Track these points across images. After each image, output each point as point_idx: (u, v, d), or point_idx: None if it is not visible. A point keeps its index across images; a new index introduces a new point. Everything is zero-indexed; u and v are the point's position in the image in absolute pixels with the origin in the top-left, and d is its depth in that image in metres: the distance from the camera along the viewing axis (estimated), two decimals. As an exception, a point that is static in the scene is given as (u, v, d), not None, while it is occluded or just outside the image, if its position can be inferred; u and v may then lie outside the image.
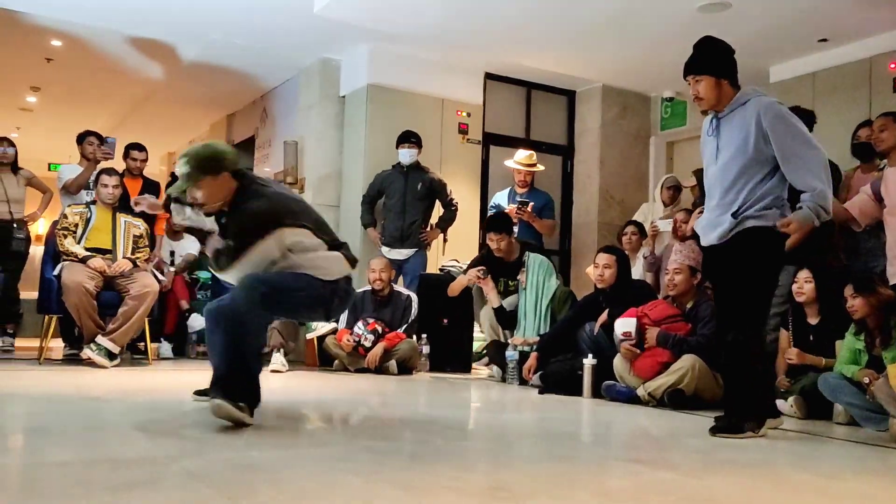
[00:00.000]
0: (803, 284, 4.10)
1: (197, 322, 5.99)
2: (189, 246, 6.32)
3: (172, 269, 6.16)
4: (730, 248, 3.19)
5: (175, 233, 6.37)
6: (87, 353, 4.87)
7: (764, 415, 3.18)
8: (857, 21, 5.46)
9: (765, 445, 2.96)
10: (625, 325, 4.27)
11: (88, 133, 6.04)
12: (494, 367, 5.40)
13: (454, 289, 5.67)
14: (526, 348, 5.06)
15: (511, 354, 5.03)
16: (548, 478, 2.19)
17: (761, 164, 3.15)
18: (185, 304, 6.03)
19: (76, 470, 2.04)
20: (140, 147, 6.28)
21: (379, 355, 5.35)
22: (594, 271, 4.84)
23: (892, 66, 5.40)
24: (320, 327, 5.34)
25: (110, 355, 4.89)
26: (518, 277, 5.31)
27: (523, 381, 4.93)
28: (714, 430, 3.10)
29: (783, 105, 3.22)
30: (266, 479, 1.99)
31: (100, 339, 4.90)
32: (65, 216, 5.28)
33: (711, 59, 3.25)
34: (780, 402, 3.95)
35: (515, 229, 5.95)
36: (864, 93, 5.64)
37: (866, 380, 3.47)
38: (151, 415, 3.19)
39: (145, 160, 6.28)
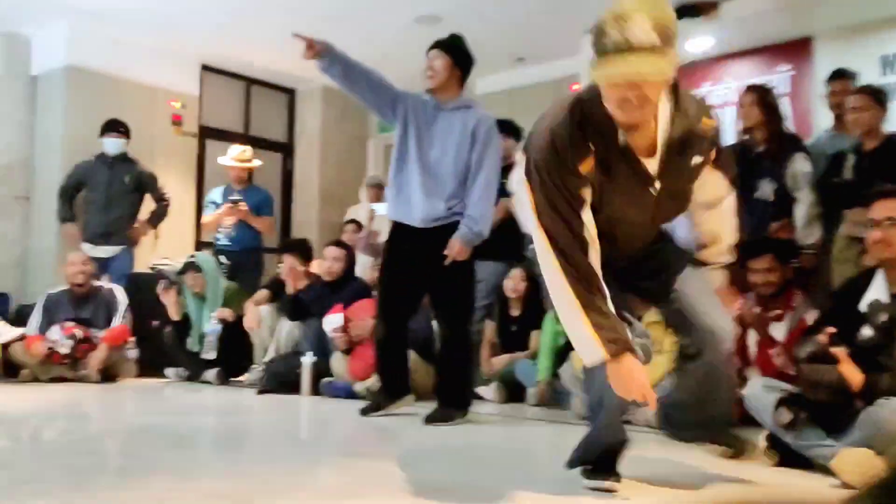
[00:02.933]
0: (519, 283, 4.46)
1: None
2: None
3: None
4: (434, 236, 3.36)
5: None
6: None
7: (468, 402, 3.47)
8: (548, 45, 6.13)
9: (472, 430, 3.21)
10: (332, 321, 4.41)
11: None
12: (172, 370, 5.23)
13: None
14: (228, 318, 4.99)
15: (213, 329, 4.92)
16: (267, 480, 2.16)
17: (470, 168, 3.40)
18: None
19: None
20: None
21: (103, 359, 4.88)
22: (322, 265, 4.88)
23: (573, 87, 6.14)
24: (4, 333, 4.71)
25: None
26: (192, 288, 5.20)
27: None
28: (428, 420, 3.30)
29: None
30: (-65, 512, 1.72)
31: None
32: None
33: (459, 47, 3.47)
34: (483, 388, 4.32)
35: (233, 228, 5.76)
36: (553, 110, 6.33)
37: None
38: None
39: None
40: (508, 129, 4.92)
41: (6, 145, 6.01)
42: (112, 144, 5.60)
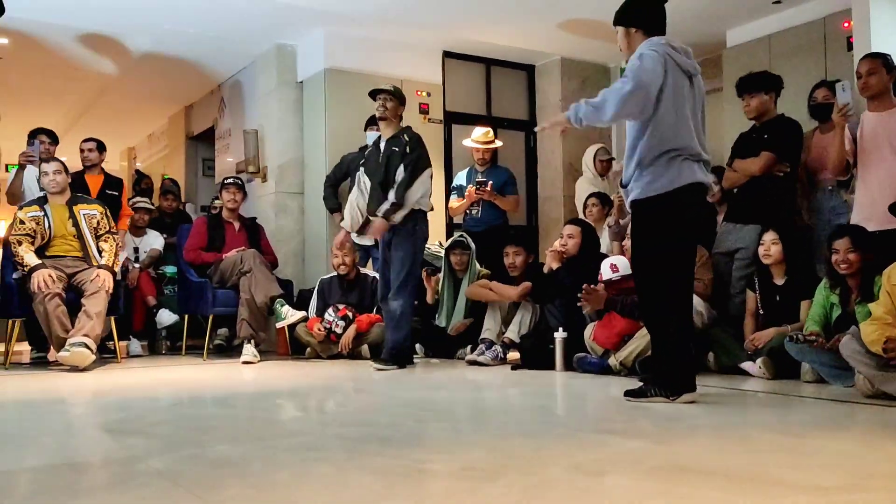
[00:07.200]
0: (770, 247, 4.11)
1: (165, 318, 5.89)
2: (152, 241, 6.22)
3: (137, 265, 6.05)
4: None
5: (138, 228, 6.26)
6: (63, 356, 4.60)
7: (679, 384, 3.10)
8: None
9: (734, 408, 3.00)
10: (617, 260, 4.34)
11: (40, 131, 5.82)
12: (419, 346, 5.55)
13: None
14: None
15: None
16: (519, 454, 2.19)
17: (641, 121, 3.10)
18: (151, 301, 5.93)
19: (40, 476, 2.00)
20: (88, 139, 6.04)
21: (351, 339, 5.33)
22: (559, 242, 4.89)
23: (846, 24, 5.43)
24: (290, 316, 5.29)
25: (88, 348, 4.62)
26: (455, 266, 5.46)
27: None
28: (627, 394, 3.21)
29: (660, 48, 3.07)
30: (235, 473, 1.96)
31: (74, 338, 4.63)
32: (21, 221, 5.03)
33: (622, 9, 3.27)
34: (748, 364, 4.02)
35: (478, 209, 5.92)
36: (819, 53, 5.67)
37: (813, 339, 3.54)
38: (119, 414, 3.14)
39: (93, 150, 5.97)
40: (765, 83, 4.51)
41: (283, 148, 6.71)
42: (374, 137, 6.02)
